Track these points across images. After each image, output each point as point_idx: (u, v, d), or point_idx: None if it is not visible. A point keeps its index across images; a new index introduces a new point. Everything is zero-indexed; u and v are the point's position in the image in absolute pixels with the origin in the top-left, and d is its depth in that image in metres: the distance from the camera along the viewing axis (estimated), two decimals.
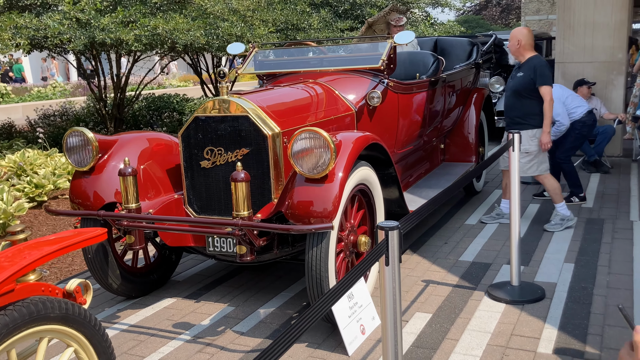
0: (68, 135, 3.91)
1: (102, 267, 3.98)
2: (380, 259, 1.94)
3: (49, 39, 7.75)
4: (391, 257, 1.93)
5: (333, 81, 4.72)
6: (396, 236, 1.93)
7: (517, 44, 5.18)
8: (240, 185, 3.39)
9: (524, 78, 5.16)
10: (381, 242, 1.93)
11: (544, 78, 5.06)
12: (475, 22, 33.73)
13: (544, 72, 5.07)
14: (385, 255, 1.92)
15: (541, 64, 5.10)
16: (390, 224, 1.96)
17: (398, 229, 1.95)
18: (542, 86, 5.06)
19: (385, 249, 1.91)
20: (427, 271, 4.58)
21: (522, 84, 5.17)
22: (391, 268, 1.95)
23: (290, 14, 11.23)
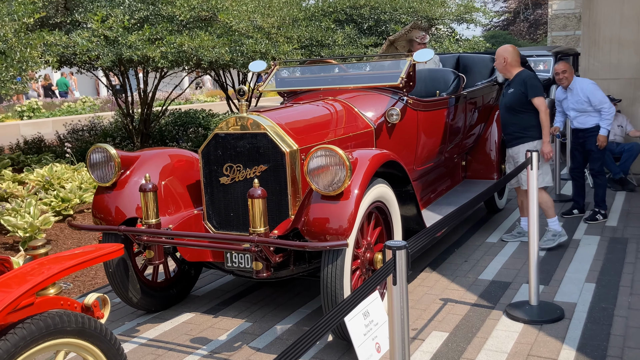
0: (91, 152, 4.00)
1: (122, 281, 4.04)
2: (389, 278, 1.95)
3: (78, 56, 7.93)
4: (399, 277, 1.95)
5: (352, 98, 4.76)
6: (404, 255, 1.94)
7: (504, 62, 5.29)
8: (257, 202, 3.43)
9: (515, 93, 5.24)
10: (389, 261, 1.94)
11: (535, 89, 5.13)
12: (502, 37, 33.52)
13: (534, 84, 5.14)
14: (392, 275, 1.94)
15: (530, 77, 5.18)
16: (397, 244, 1.97)
17: (405, 249, 1.96)
18: (534, 98, 5.14)
19: (393, 268, 1.92)
20: (445, 289, 4.56)
21: (515, 99, 5.25)
22: (399, 287, 1.96)
23: (315, 31, 11.33)
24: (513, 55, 5.28)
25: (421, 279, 4.79)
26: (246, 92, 3.89)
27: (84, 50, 7.91)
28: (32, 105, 16.73)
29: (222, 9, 8.79)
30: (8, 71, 5.65)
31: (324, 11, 12.57)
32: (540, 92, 5.15)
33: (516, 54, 5.32)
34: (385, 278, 1.93)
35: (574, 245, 5.44)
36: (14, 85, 5.69)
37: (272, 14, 9.67)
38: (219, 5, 8.79)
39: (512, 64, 5.29)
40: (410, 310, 4.20)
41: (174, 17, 8.59)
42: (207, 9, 8.73)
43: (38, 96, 22.73)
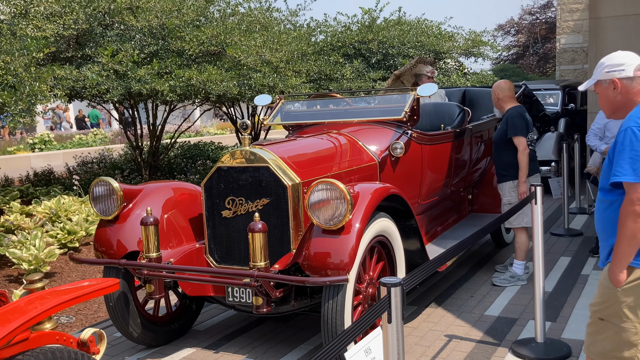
0: (94, 185, 4.01)
1: (123, 315, 4.01)
2: (384, 315, 1.91)
3: (87, 90, 8.03)
4: (394, 315, 1.91)
5: (356, 132, 4.76)
6: (399, 293, 1.91)
7: (497, 99, 5.39)
8: (257, 236, 3.41)
9: (499, 130, 5.33)
10: (383, 299, 1.90)
11: (514, 128, 5.14)
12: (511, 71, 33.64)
13: (515, 122, 5.15)
14: (387, 313, 1.90)
15: (512, 115, 5.19)
16: (392, 280, 1.94)
17: (401, 286, 1.93)
18: (513, 137, 5.15)
19: (388, 306, 1.89)
20: (450, 325, 4.48)
21: (498, 136, 5.34)
22: (394, 326, 1.92)
23: (324, 65, 11.42)
24: (505, 91, 5.34)
25: (426, 315, 4.72)
26: (249, 126, 3.91)
27: (94, 84, 8.01)
28: (43, 138, 16.90)
29: (231, 43, 8.90)
30: (17, 104, 5.71)
31: (332, 45, 12.71)
32: (519, 131, 5.13)
33: (508, 90, 5.37)
34: (379, 315, 1.89)
35: (582, 280, 5.35)
36: (22, 118, 5.74)
37: (280, 49, 9.78)
38: (227, 40, 8.90)
39: (504, 100, 5.34)
40: (415, 346, 4.13)
41: (184, 52, 8.70)
42: (216, 44, 8.84)
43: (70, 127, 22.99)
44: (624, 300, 2.50)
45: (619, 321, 2.53)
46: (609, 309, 2.57)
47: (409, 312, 4.78)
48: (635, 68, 2.60)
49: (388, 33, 12.74)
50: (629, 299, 2.49)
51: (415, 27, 13.41)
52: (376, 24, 13.32)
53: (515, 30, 38.15)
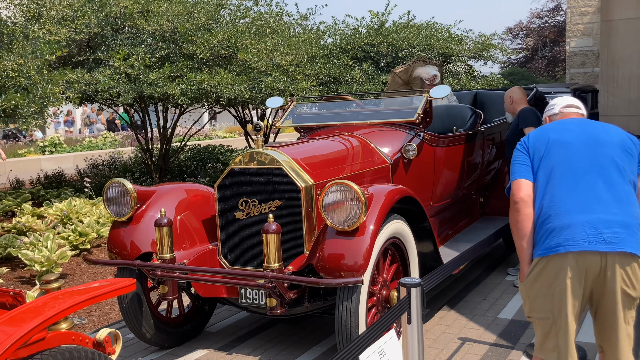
0: (108, 186, 4.02)
1: (136, 316, 4.01)
2: (403, 316, 1.91)
3: (99, 93, 8.06)
4: (414, 315, 1.90)
5: (369, 134, 4.76)
6: (419, 293, 1.90)
7: (510, 101, 5.47)
8: (271, 237, 3.40)
9: (512, 127, 5.43)
10: (403, 299, 1.90)
11: (525, 120, 5.22)
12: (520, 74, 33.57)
13: (526, 115, 5.25)
14: (407, 313, 1.89)
15: (523, 110, 5.31)
16: (412, 281, 1.93)
17: (420, 286, 1.92)
18: (524, 128, 5.19)
19: (407, 306, 1.88)
20: (464, 328, 4.46)
21: (511, 131, 5.43)
22: (414, 326, 1.91)
23: (333, 68, 11.44)
24: (518, 95, 5.47)
25: (439, 318, 4.70)
26: (262, 128, 3.91)
27: (106, 88, 8.04)
28: (53, 141, 16.99)
29: (242, 47, 8.92)
30: (30, 107, 5.74)
31: (342, 49, 12.72)
32: (530, 122, 5.20)
33: (522, 93, 5.50)
34: (399, 316, 1.89)
35: None
36: (35, 120, 5.77)
37: (290, 52, 9.79)
38: (238, 44, 8.92)
39: (518, 102, 5.44)
40: (428, 349, 4.11)
41: (195, 55, 8.73)
42: (227, 48, 8.86)
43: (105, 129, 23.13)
44: (526, 293, 2.79)
45: (534, 314, 2.77)
46: (525, 305, 2.86)
47: None
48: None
49: (397, 36, 12.73)
50: (530, 292, 2.76)
51: (424, 30, 13.39)
52: (385, 27, 13.32)
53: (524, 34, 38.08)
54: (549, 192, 2.73)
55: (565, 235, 2.62)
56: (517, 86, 5.69)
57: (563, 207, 2.67)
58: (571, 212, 2.64)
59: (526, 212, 2.77)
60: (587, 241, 2.59)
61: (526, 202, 2.77)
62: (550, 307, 2.68)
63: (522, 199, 2.77)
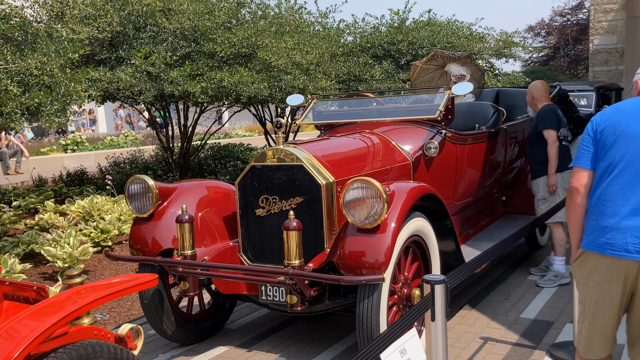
0: (130, 183, 4.04)
1: (157, 312, 4.03)
2: (427, 313, 1.88)
3: (121, 91, 8.12)
4: (437, 312, 1.87)
5: (390, 131, 4.73)
6: (442, 290, 1.87)
7: (531, 97, 5.44)
8: (292, 234, 3.39)
9: (532, 126, 5.39)
10: (427, 296, 1.87)
11: (544, 122, 5.18)
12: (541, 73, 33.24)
13: (545, 116, 5.20)
14: (431, 310, 1.86)
15: (544, 110, 5.26)
16: (436, 278, 1.90)
17: (444, 283, 1.89)
18: (543, 130, 5.18)
19: (431, 303, 1.85)
20: (485, 328, 4.41)
21: (531, 131, 5.40)
22: (438, 324, 1.89)
23: (353, 66, 11.41)
24: (539, 90, 5.41)
25: (460, 317, 4.66)
26: (283, 125, 3.91)
27: (127, 86, 8.10)
28: (75, 139, 17.16)
29: (262, 46, 8.93)
30: (53, 105, 5.80)
31: (362, 47, 12.68)
32: (549, 124, 5.17)
33: (543, 89, 5.44)
34: (423, 314, 1.86)
35: None
36: (58, 118, 5.82)
37: (310, 51, 9.78)
38: (258, 42, 8.93)
39: (538, 99, 5.40)
40: (450, 348, 4.07)
41: (215, 54, 8.75)
42: (247, 46, 8.88)
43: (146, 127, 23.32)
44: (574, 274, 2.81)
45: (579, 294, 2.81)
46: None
47: None
48: None
49: (418, 34, 12.66)
50: (575, 274, 2.79)
51: (445, 28, 13.30)
52: (405, 25, 13.25)
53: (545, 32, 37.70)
54: (605, 186, 2.64)
55: (606, 238, 2.59)
56: (540, 80, 5.60)
57: (613, 206, 2.60)
58: (619, 214, 2.57)
59: (578, 201, 2.74)
60: (625, 249, 2.55)
61: (580, 192, 2.73)
62: (585, 296, 2.71)
63: (577, 189, 2.74)
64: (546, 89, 5.45)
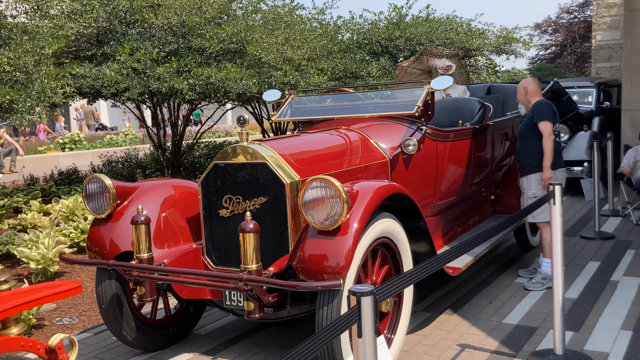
0: (87, 182, 3.85)
1: (116, 318, 3.84)
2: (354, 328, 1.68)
3: (106, 88, 7.96)
4: (365, 328, 1.67)
5: (366, 128, 4.52)
6: (370, 303, 1.66)
7: (525, 92, 5.20)
8: (248, 237, 3.19)
9: (525, 119, 5.19)
10: (352, 309, 1.67)
11: (541, 114, 4.99)
12: (548, 70, 32.89)
13: (541, 109, 5.01)
14: (357, 326, 1.66)
15: (539, 103, 5.08)
16: (362, 289, 1.70)
17: (372, 295, 1.68)
18: (539, 122, 4.98)
19: (357, 317, 1.65)
20: (465, 334, 4.20)
21: (524, 124, 5.20)
22: (365, 341, 1.68)
23: (349, 63, 11.20)
24: (533, 86, 5.20)
25: (440, 322, 4.44)
26: (247, 120, 3.70)
27: (112, 82, 7.93)
28: (73, 138, 17.03)
29: (252, 41, 8.73)
30: (26, 102, 5.62)
31: (359, 43, 12.47)
32: (545, 116, 4.97)
33: (537, 85, 5.23)
34: (347, 328, 1.66)
35: (611, 287, 5.01)
36: (30, 115, 5.65)
37: (302, 46, 9.57)
38: (248, 37, 8.73)
39: (532, 94, 5.18)
40: (424, 356, 3.86)
41: (204, 50, 8.56)
42: (237, 42, 8.68)
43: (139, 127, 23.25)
44: None
45: None
46: None
47: (422, 318, 4.51)
48: None
49: (416, 30, 12.43)
50: None
51: (444, 24, 13.05)
52: (404, 22, 13.02)
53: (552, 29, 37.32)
54: None
55: None
56: (532, 77, 5.41)
57: None
58: None
59: None
60: None
61: None
62: None
63: None
64: (539, 85, 5.25)
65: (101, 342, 4.32)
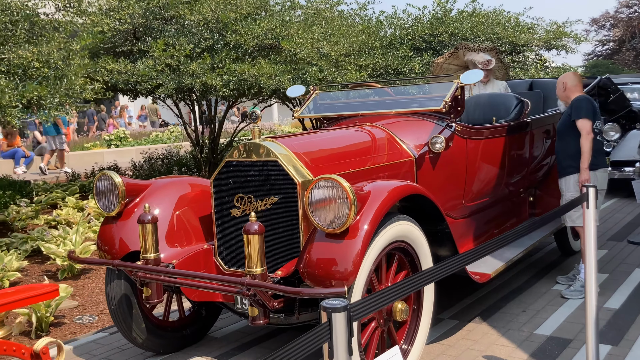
0: (97, 179, 3.76)
1: (125, 319, 3.73)
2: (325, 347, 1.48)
3: (139, 84, 7.94)
4: (338, 348, 1.46)
5: (392, 124, 4.29)
6: (343, 320, 1.46)
7: (563, 88, 4.86)
8: (252, 238, 3.02)
9: (564, 116, 4.85)
10: (322, 326, 1.47)
11: (579, 111, 4.64)
12: (604, 67, 31.77)
13: (580, 105, 4.66)
14: (327, 345, 1.46)
15: (578, 99, 4.72)
16: (334, 304, 1.49)
17: (346, 311, 1.48)
18: (577, 119, 4.64)
19: (328, 337, 1.45)
20: (492, 345, 3.93)
21: (562, 122, 4.87)
22: None
23: (391, 59, 10.93)
24: (572, 81, 4.84)
25: (467, 331, 4.18)
26: (259, 116, 3.52)
27: (146, 78, 7.91)
28: (119, 135, 17.28)
29: (287, 36, 8.58)
30: (54, 97, 5.60)
31: (401, 39, 12.18)
32: (584, 114, 4.62)
33: (577, 79, 4.88)
34: (318, 346, 1.46)
35: None
36: (58, 111, 5.63)
37: (339, 42, 9.36)
38: (283, 33, 8.58)
39: (572, 90, 4.83)
40: None
41: (239, 46, 8.45)
42: (272, 37, 8.54)
43: (238, 121, 23.53)
44: None
45: None
46: None
47: (449, 326, 4.26)
48: None
49: (460, 25, 12.06)
50: None
51: (490, 18, 12.62)
52: (449, 16, 12.66)
53: (610, 25, 36.02)
54: None
55: None
56: (573, 71, 5.06)
57: None
58: None
59: None
60: None
61: None
62: None
63: None
64: (580, 79, 4.90)
65: (115, 343, 4.23)
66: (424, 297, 3.51)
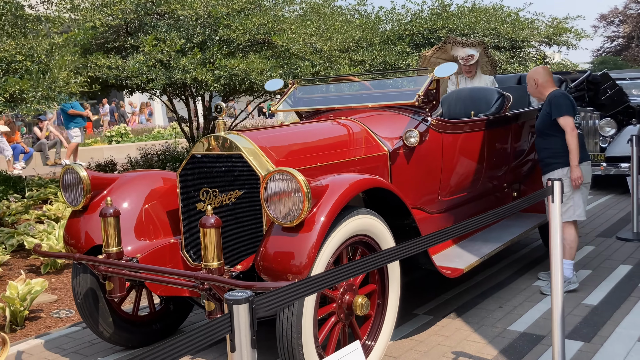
0: (63, 173, 3.74)
1: (91, 313, 3.72)
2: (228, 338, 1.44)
3: (129, 79, 7.93)
4: (238, 341, 1.43)
5: (367, 118, 4.25)
6: (245, 312, 1.43)
7: (535, 84, 4.75)
8: (208, 232, 2.99)
9: (542, 115, 4.71)
10: (224, 317, 1.43)
11: (559, 108, 4.52)
12: (612, 63, 31.52)
13: (559, 102, 4.54)
14: (229, 337, 1.43)
15: (555, 95, 4.59)
16: (236, 296, 1.46)
17: (249, 303, 1.44)
18: (558, 118, 4.53)
19: (230, 329, 1.41)
20: (463, 341, 3.88)
21: (541, 121, 4.72)
22: (240, 356, 1.44)
23: (389, 55, 10.88)
24: (543, 76, 4.72)
25: (440, 327, 4.14)
26: (224, 109, 3.49)
27: (136, 74, 7.90)
28: (120, 131, 17.31)
29: (279, 32, 8.54)
30: (36, 91, 5.60)
31: (400, 35, 12.13)
32: (565, 110, 4.51)
33: (548, 75, 4.76)
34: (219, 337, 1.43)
35: (638, 294, 4.57)
36: (39, 105, 5.63)
37: (332, 37, 9.32)
38: (276, 28, 8.55)
39: (544, 85, 4.71)
40: None
41: (231, 41, 8.43)
42: (263, 32, 8.51)
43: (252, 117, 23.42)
44: None
45: None
46: None
47: (422, 322, 4.22)
48: None
49: (459, 20, 11.98)
50: None
51: (489, 13, 12.52)
52: (447, 11, 12.58)
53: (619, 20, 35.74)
54: None
55: None
56: (542, 66, 4.97)
57: None
58: None
59: None
60: None
61: None
62: None
63: None
64: (550, 75, 4.79)
65: (86, 337, 4.22)
66: (389, 291, 3.47)
